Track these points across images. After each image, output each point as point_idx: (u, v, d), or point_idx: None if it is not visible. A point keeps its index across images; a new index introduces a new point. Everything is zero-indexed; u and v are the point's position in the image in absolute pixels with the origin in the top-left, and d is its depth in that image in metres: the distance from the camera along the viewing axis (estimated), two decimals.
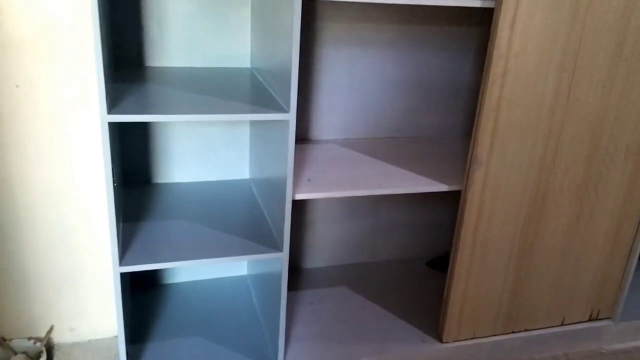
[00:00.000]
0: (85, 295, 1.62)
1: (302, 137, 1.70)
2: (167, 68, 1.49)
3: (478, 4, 1.26)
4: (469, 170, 1.38)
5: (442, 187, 1.43)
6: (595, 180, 1.48)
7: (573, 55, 1.31)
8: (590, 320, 1.70)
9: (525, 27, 1.25)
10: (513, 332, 1.63)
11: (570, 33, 1.29)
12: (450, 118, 1.82)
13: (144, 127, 1.55)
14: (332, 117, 1.70)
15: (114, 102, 1.16)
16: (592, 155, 1.45)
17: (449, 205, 1.97)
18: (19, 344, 1.55)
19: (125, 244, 1.28)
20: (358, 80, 1.68)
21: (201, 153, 1.62)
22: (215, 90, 1.32)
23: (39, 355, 1.53)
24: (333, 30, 1.59)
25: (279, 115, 1.19)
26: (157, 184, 1.60)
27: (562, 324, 1.67)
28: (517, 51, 1.27)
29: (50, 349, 1.61)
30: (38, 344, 1.55)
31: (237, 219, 1.43)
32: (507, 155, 1.37)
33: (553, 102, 1.35)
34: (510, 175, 1.40)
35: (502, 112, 1.32)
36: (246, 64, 1.57)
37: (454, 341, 1.57)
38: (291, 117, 1.19)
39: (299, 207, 1.80)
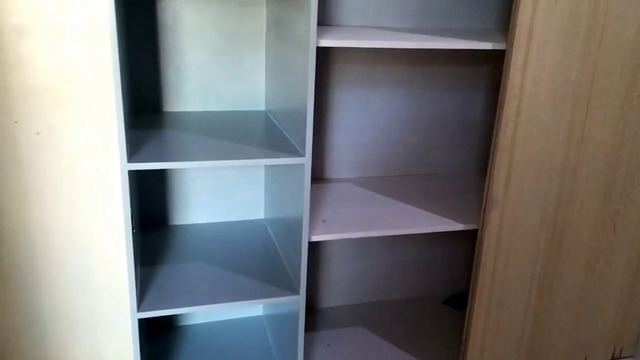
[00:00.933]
0: (102, 339, 1.62)
1: (316, 177, 1.71)
2: (184, 113, 1.51)
3: (489, 47, 1.28)
4: (485, 210, 1.38)
5: (458, 227, 1.43)
6: (613, 217, 1.47)
7: (586, 94, 1.32)
8: (612, 358, 1.66)
9: (537, 68, 1.26)
10: None
11: (582, 72, 1.30)
12: (463, 155, 1.83)
13: (161, 170, 1.57)
14: (345, 157, 1.71)
15: (133, 150, 1.19)
16: (608, 192, 1.44)
17: (464, 242, 1.96)
18: None
19: (143, 289, 1.28)
20: (371, 119, 1.69)
21: (217, 194, 1.63)
22: (230, 134, 1.34)
23: None
24: (345, 72, 1.62)
25: (295, 160, 1.20)
26: (174, 225, 1.62)
27: None
28: (530, 92, 1.28)
29: None
30: None
31: (253, 260, 1.44)
32: (523, 194, 1.37)
33: (567, 141, 1.35)
34: (526, 213, 1.39)
35: (517, 152, 1.33)
36: (261, 106, 1.59)
37: None
38: (307, 161, 1.20)
39: (314, 247, 1.80)
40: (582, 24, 1.25)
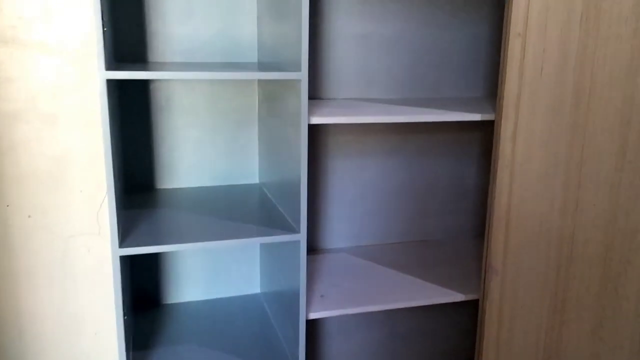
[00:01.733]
0: None
1: (312, 248, 1.69)
2: (178, 189, 1.51)
3: (478, 118, 1.29)
4: (484, 279, 1.35)
5: (459, 297, 1.40)
6: (615, 282, 1.44)
7: (578, 161, 1.33)
8: None
9: (527, 138, 1.28)
10: None
11: (573, 139, 1.31)
12: (459, 220, 1.82)
13: None
14: (341, 226, 1.70)
15: (125, 233, 1.17)
16: (608, 257, 1.42)
17: (467, 310, 1.92)
18: None
19: None
20: (365, 188, 1.69)
21: (212, 270, 1.60)
22: (224, 211, 1.33)
23: None
24: (338, 143, 1.63)
25: (290, 237, 1.19)
26: (167, 304, 1.58)
27: None
28: (521, 160, 1.29)
29: None
30: None
31: (249, 340, 1.39)
32: (522, 262, 1.35)
33: (563, 207, 1.35)
34: (527, 282, 1.37)
35: (513, 220, 1.32)
36: (255, 180, 1.59)
37: None
38: (302, 237, 1.19)
39: (312, 321, 1.75)
40: (569, 93, 1.28)
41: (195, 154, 1.52)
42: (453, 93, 1.70)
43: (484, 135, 1.78)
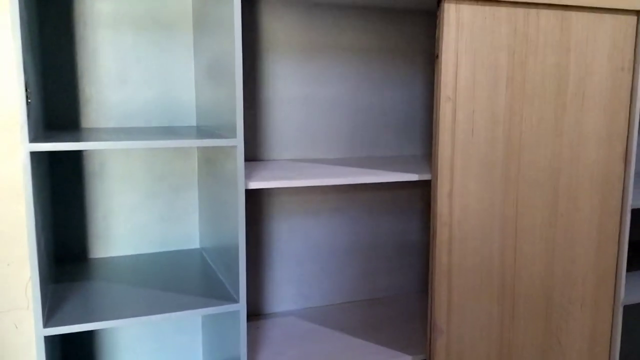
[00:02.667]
0: None
1: (258, 313, 1.64)
2: (112, 258, 1.45)
3: (415, 178, 1.31)
4: (430, 340, 1.34)
5: (406, 359, 1.38)
6: (557, 333, 1.46)
7: (513, 216, 1.36)
8: None
9: (463, 195, 1.30)
10: None
11: (506, 196, 1.35)
12: (406, 277, 1.82)
13: None
14: (288, 288, 1.66)
15: (52, 310, 1.10)
16: (549, 310, 1.44)
17: None
18: None
19: None
20: (311, 248, 1.67)
21: (152, 342, 1.52)
22: (161, 281, 1.28)
23: None
24: (281, 203, 1.62)
25: (229, 307, 1.14)
26: None
27: None
28: (459, 218, 1.31)
29: None
30: None
31: None
32: (466, 319, 1.35)
33: (501, 262, 1.37)
34: (472, 339, 1.37)
35: (454, 278, 1.33)
36: (195, 245, 1.55)
37: None
38: (241, 307, 1.15)
39: None
40: (500, 152, 1.32)
41: (131, 221, 1.47)
42: (393, 151, 1.73)
43: (425, 192, 1.80)
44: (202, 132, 1.32)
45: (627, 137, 1.44)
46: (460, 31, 1.24)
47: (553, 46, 1.33)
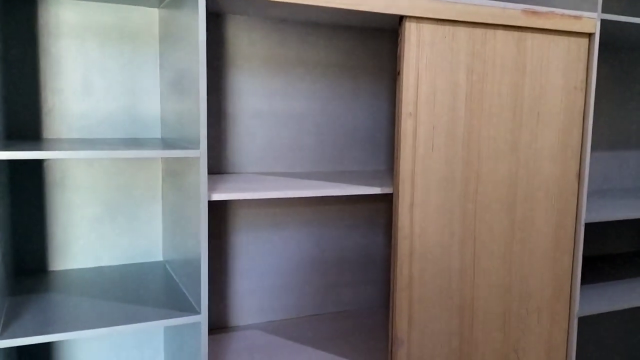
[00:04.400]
0: None
1: (221, 326, 1.63)
2: (73, 271, 1.43)
3: (378, 191, 1.34)
4: (391, 351, 1.36)
5: None
6: (515, 345, 1.49)
7: (471, 230, 1.40)
8: None
9: (424, 209, 1.33)
10: None
11: (465, 210, 1.38)
12: (370, 290, 1.83)
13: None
14: (250, 302, 1.66)
15: (8, 321, 1.08)
16: (507, 322, 1.48)
17: None
18: None
19: None
20: (276, 260, 1.68)
21: (113, 355, 1.50)
22: (123, 293, 1.27)
23: None
24: (246, 216, 1.63)
25: (190, 318, 1.14)
26: None
27: None
28: (420, 231, 1.34)
29: None
30: None
31: None
32: (426, 331, 1.38)
33: (460, 275, 1.40)
34: (432, 349, 1.39)
35: (415, 290, 1.35)
36: (158, 257, 1.54)
37: None
38: (202, 318, 1.15)
39: None
40: (459, 167, 1.36)
41: (93, 232, 1.45)
42: (359, 166, 1.76)
43: (389, 206, 1.83)
44: (166, 143, 1.33)
45: (581, 153, 1.50)
46: (421, 49, 1.28)
47: (509, 66, 1.38)
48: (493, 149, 1.39)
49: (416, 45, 1.28)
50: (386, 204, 1.83)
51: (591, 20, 1.43)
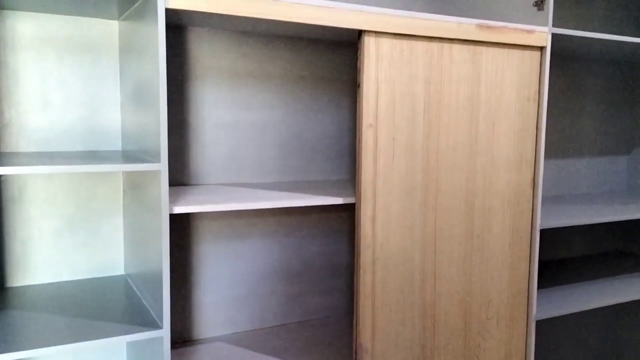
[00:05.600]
0: None
1: (185, 339, 1.62)
2: (32, 287, 1.40)
3: (340, 201, 1.36)
4: (355, 359, 1.37)
5: None
6: (476, 350, 1.53)
7: (432, 238, 1.43)
8: None
9: (385, 218, 1.36)
10: None
11: (426, 218, 1.41)
12: (335, 299, 1.85)
13: None
14: (215, 313, 1.66)
15: None
16: (468, 327, 1.51)
17: None
18: None
19: None
20: (240, 271, 1.68)
21: None
22: (84, 308, 1.25)
23: None
24: (209, 227, 1.62)
25: (152, 333, 1.13)
26: None
27: None
28: (382, 240, 1.36)
29: None
30: None
31: None
32: (390, 339, 1.40)
33: (422, 282, 1.43)
34: (396, 357, 1.41)
35: (378, 298, 1.37)
36: (120, 271, 1.52)
37: None
38: (165, 333, 1.14)
39: None
40: (419, 176, 1.39)
41: (52, 247, 1.43)
42: (322, 175, 1.78)
43: (352, 215, 1.86)
44: (127, 156, 1.32)
45: (535, 162, 1.55)
46: (380, 62, 1.31)
47: (465, 78, 1.42)
48: (451, 159, 1.43)
49: (375, 58, 1.31)
50: (350, 212, 1.85)
51: (542, 34, 1.49)
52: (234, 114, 1.62)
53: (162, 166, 1.12)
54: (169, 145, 1.54)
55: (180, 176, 1.57)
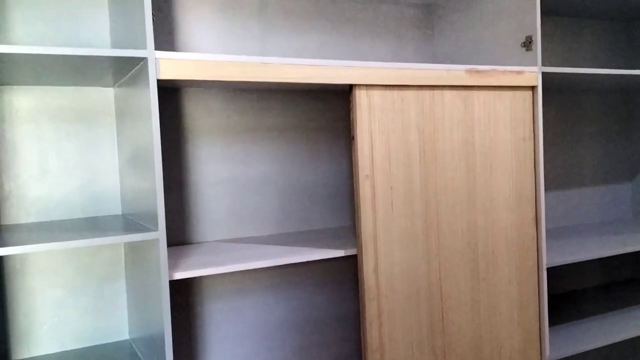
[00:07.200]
0: None
1: None
2: (37, 358, 1.38)
3: (342, 254, 1.35)
4: None
5: None
6: None
7: (437, 285, 1.41)
8: None
9: (388, 269, 1.35)
10: None
11: (430, 266, 1.40)
12: (345, 348, 1.82)
13: None
14: None
15: None
16: None
17: None
18: None
19: None
20: (245, 328, 1.66)
21: None
22: None
23: None
24: (212, 285, 1.61)
25: None
26: None
27: None
28: (387, 292, 1.34)
29: None
30: None
31: None
32: None
33: (430, 333, 1.41)
34: None
35: (387, 352, 1.35)
36: (124, 335, 1.51)
37: None
38: None
39: None
40: (419, 224, 1.38)
41: (56, 316, 1.42)
42: (323, 224, 1.77)
43: (356, 263, 1.84)
44: (126, 221, 1.32)
45: (536, 200, 1.54)
46: (373, 113, 1.33)
47: (458, 122, 1.43)
48: (451, 203, 1.42)
49: (367, 110, 1.32)
50: (353, 259, 1.84)
51: (532, 74, 1.51)
52: (231, 169, 1.63)
53: (160, 234, 1.12)
54: (168, 205, 1.54)
55: (179, 235, 1.56)
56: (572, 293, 2.22)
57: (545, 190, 2.13)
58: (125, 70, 1.23)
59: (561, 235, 2.00)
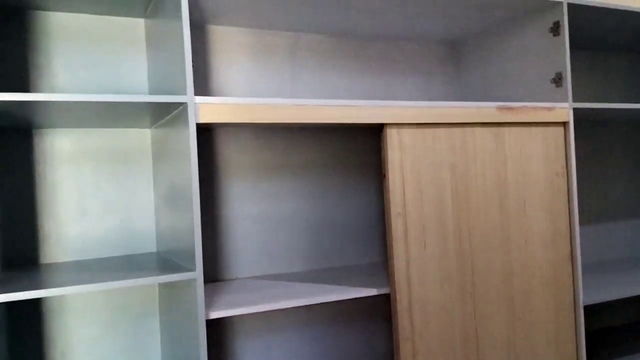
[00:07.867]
0: None
1: None
2: None
3: (374, 293, 1.34)
4: None
5: None
6: None
7: (472, 326, 1.39)
8: None
9: (422, 308, 1.33)
10: None
11: (464, 306, 1.38)
12: None
13: None
14: None
15: None
16: None
17: None
18: None
19: None
20: None
21: None
22: None
23: None
24: (244, 323, 1.61)
25: None
26: None
27: None
28: (420, 332, 1.33)
29: None
30: None
31: None
32: None
33: None
34: None
35: None
36: None
37: None
38: None
39: None
40: (453, 263, 1.37)
41: (91, 355, 1.43)
42: (354, 260, 1.77)
43: (389, 300, 1.83)
44: (161, 259, 1.34)
45: (570, 236, 1.52)
46: (404, 152, 1.33)
47: (491, 159, 1.43)
48: (485, 241, 1.41)
49: (399, 148, 1.33)
50: (385, 298, 1.82)
51: (564, 110, 1.50)
52: (263, 206, 1.65)
53: (197, 274, 1.13)
54: (202, 242, 1.56)
55: (211, 271, 1.58)
56: (608, 330, 2.15)
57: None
58: (165, 113, 1.27)
59: (594, 270, 1.96)
